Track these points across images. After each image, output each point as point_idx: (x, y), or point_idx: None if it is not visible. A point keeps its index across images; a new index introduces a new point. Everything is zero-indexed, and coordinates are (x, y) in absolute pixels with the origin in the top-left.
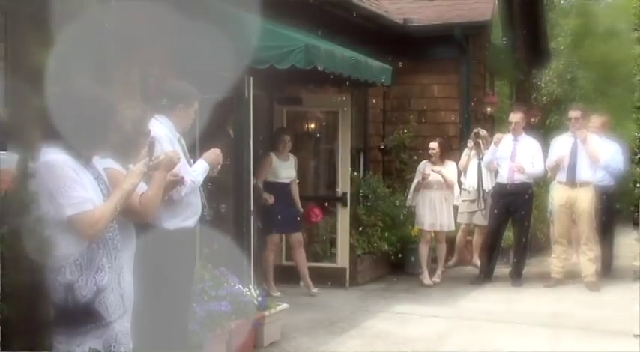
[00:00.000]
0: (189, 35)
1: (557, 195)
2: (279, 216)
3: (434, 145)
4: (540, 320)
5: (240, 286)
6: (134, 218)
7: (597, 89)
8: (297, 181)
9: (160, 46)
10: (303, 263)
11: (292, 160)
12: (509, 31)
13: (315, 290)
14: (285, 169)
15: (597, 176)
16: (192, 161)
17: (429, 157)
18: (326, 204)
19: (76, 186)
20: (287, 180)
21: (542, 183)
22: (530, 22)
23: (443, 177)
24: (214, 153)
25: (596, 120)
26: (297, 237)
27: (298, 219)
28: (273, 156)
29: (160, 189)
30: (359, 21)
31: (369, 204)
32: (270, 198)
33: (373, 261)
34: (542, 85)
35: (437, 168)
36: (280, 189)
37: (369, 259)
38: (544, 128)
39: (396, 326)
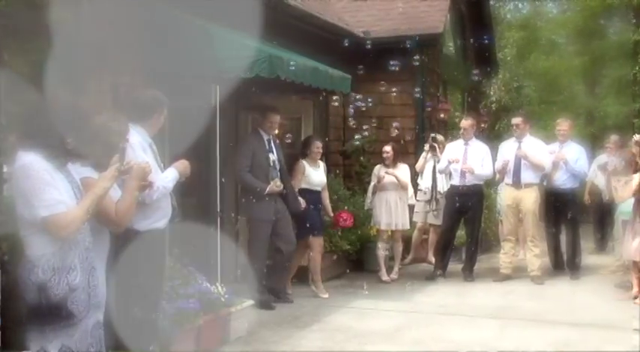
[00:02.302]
0: (159, 45)
1: (505, 195)
2: (309, 221)
3: (388, 149)
4: (490, 312)
5: (208, 284)
6: (110, 226)
7: (541, 97)
8: (276, 180)
9: (130, 55)
10: (318, 267)
11: (322, 166)
12: (461, 42)
13: (325, 295)
14: (316, 176)
15: (546, 178)
16: (162, 166)
17: (383, 161)
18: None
19: (50, 188)
20: (318, 188)
21: (492, 184)
22: (479, 35)
23: (397, 178)
24: (183, 164)
25: (561, 123)
26: (319, 241)
27: (322, 223)
28: (304, 163)
29: (133, 199)
30: (321, 33)
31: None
32: (303, 204)
33: (334, 259)
34: (491, 93)
35: (391, 170)
36: (313, 196)
37: (331, 257)
38: (493, 133)
39: (355, 320)
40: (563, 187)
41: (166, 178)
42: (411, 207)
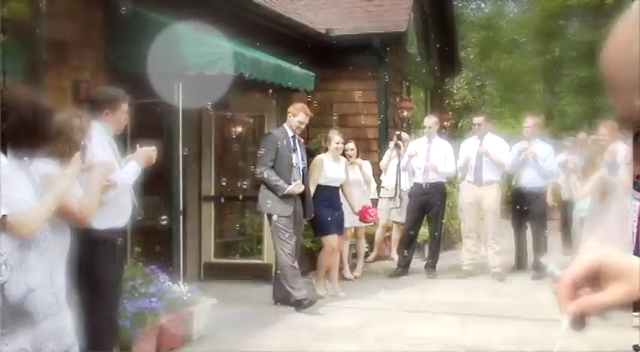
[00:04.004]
0: (121, 42)
1: (466, 193)
2: (329, 218)
3: (352, 146)
4: (452, 309)
5: (170, 283)
6: (73, 223)
7: (503, 95)
8: (298, 183)
9: (91, 51)
10: (336, 266)
11: (343, 162)
12: (424, 41)
13: (342, 293)
14: (334, 172)
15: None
16: (123, 163)
17: (348, 158)
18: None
19: (11, 186)
20: (336, 184)
21: (454, 182)
22: (442, 34)
23: (362, 174)
24: (145, 152)
25: (528, 121)
26: (331, 239)
27: (338, 221)
28: (323, 158)
29: (97, 196)
30: (284, 31)
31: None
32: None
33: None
34: (454, 91)
35: (358, 160)
36: (330, 192)
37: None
38: (456, 131)
39: (319, 318)
40: (531, 186)
41: (126, 174)
42: (374, 202)
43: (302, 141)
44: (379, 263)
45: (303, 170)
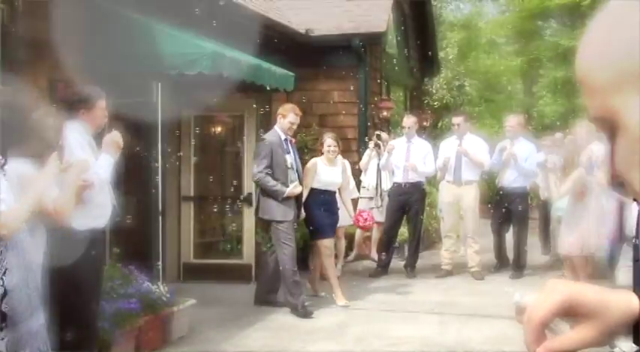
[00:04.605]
0: (99, 41)
1: (446, 193)
2: (325, 222)
3: (334, 143)
4: (431, 308)
5: (149, 283)
6: (49, 222)
7: (482, 95)
8: (295, 184)
9: (69, 50)
10: (331, 272)
11: (340, 165)
12: (403, 41)
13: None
14: (328, 175)
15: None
16: None
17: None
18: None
19: None
20: (331, 188)
21: (433, 182)
22: (421, 34)
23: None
24: (112, 140)
25: (510, 120)
26: (326, 243)
27: (334, 225)
28: (317, 161)
29: (72, 196)
30: (264, 31)
31: None
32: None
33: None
34: (433, 91)
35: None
36: (325, 196)
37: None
38: (435, 131)
39: (299, 318)
40: (512, 186)
41: (101, 168)
42: (354, 202)
43: (293, 141)
44: (359, 262)
45: (298, 170)
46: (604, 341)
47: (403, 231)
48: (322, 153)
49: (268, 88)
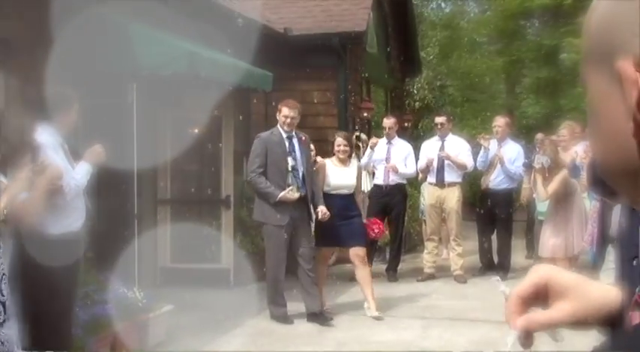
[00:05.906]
0: (72, 41)
1: (428, 195)
2: (333, 229)
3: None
4: (414, 312)
5: (125, 289)
6: (19, 225)
7: (464, 96)
8: (291, 188)
9: (40, 50)
10: (366, 281)
11: (354, 167)
12: (384, 41)
13: (376, 313)
14: (337, 178)
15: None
16: (74, 166)
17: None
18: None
19: None
20: (344, 191)
21: (415, 183)
22: (402, 33)
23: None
24: (95, 152)
25: (498, 120)
26: (356, 251)
27: (359, 231)
28: (326, 163)
29: (40, 196)
30: (241, 29)
31: (252, 206)
32: (322, 214)
33: (256, 262)
34: (415, 91)
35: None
36: (333, 200)
37: (253, 259)
38: (416, 132)
39: (278, 324)
40: (498, 188)
41: (78, 175)
42: None
43: (304, 139)
44: (340, 266)
45: (302, 174)
46: (579, 323)
47: (384, 234)
48: (333, 154)
49: (246, 88)
